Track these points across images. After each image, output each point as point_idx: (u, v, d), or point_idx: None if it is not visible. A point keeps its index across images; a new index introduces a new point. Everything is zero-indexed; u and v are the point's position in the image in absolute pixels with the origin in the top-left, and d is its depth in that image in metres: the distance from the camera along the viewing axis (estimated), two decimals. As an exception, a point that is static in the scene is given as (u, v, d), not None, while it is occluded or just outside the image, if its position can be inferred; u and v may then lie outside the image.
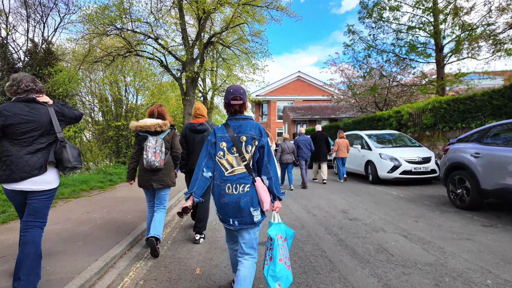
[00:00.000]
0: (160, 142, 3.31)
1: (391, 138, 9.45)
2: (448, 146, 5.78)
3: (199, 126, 3.85)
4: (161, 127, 3.35)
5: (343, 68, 21.12)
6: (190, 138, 3.88)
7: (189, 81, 17.34)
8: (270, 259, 2.09)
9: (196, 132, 3.86)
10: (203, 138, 3.85)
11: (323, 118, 27.31)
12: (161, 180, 3.38)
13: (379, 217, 4.88)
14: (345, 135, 11.23)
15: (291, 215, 5.13)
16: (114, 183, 8.64)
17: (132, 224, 4.41)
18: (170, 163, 3.53)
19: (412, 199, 6.32)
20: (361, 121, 13.95)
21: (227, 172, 2.09)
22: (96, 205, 5.70)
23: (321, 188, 8.13)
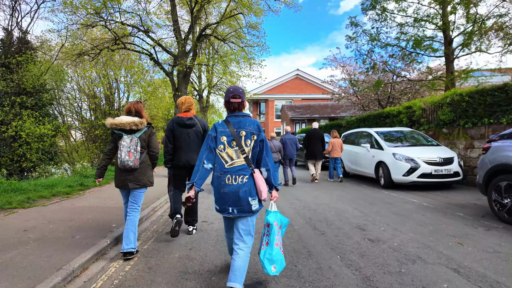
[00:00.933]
0: (136, 141, 3.16)
1: (404, 136, 8.26)
2: (489, 144, 4.59)
3: (188, 121, 3.66)
4: (137, 126, 3.18)
5: (344, 64, 19.96)
6: (177, 133, 3.67)
7: (181, 76, 16.10)
8: (267, 244, 2.26)
9: (184, 126, 3.66)
10: (191, 133, 3.67)
11: (322, 117, 26.15)
12: (137, 180, 3.22)
13: (408, 237, 3.67)
14: (350, 133, 10.05)
15: (293, 233, 3.91)
16: (86, 187, 7.39)
17: (74, 250, 3.17)
18: (147, 163, 3.34)
19: (439, 209, 5.12)
20: (366, 119, 12.77)
21: (227, 164, 2.23)
22: (44, 219, 4.45)
23: (326, 193, 6.92)
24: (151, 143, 3.36)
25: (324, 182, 8.93)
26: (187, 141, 3.69)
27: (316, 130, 8.95)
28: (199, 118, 3.85)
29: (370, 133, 8.49)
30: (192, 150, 3.73)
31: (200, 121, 3.85)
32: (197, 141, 3.78)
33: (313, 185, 8.25)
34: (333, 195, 6.64)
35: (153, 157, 3.42)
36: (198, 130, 3.79)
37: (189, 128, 3.71)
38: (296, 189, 7.64)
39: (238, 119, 2.31)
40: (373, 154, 7.90)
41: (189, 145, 3.72)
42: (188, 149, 3.72)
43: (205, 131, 3.86)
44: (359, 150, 8.68)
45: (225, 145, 2.26)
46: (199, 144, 3.75)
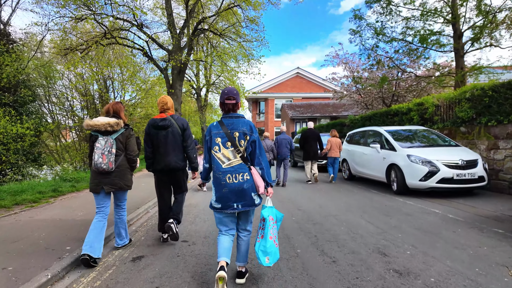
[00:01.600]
0: (111, 142, 3.06)
1: (418, 135, 7.36)
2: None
3: (161, 122, 3.47)
4: (113, 127, 3.09)
5: (347, 60, 19.05)
6: (153, 136, 3.50)
7: (176, 73, 15.20)
8: (262, 237, 2.39)
9: (158, 128, 3.48)
10: (167, 135, 3.47)
11: (323, 116, 25.25)
12: (113, 184, 3.11)
13: (445, 267, 2.77)
14: (356, 132, 9.15)
15: (295, 260, 3.02)
16: (59, 194, 6.50)
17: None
18: (124, 166, 3.23)
19: (471, 223, 4.22)
20: (372, 117, 11.86)
21: (224, 165, 2.33)
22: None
23: (332, 201, 6.03)
24: (129, 146, 3.23)
25: (326, 186, 8.05)
26: (163, 143, 3.48)
27: (311, 130, 8.57)
28: (177, 117, 3.60)
29: (379, 132, 7.59)
30: (170, 153, 3.48)
31: (178, 121, 3.58)
32: (175, 143, 3.51)
33: (316, 190, 7.36)
34: (340, 204, 5.74)
35: (131, 160, 3.28)
36: (175, 131, 3.52)
37: (163, 130, 3.47)
38: (298, 195, 6.75)
39: (232, 120, 2.38)
40: (384, 156, 7.00)
41: (166, 147, 3.48)
42: (165, 152, 3.48)
43: (184, 130, 3.57)
44: (367, 151, 7.78)
45: (220, 146, 2.34)
46: (177, 145, 3.51)
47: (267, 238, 2.34)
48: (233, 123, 2.36)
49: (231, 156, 2.33)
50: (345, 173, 9.19)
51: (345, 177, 9.14)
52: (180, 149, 3.54)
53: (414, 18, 13.72)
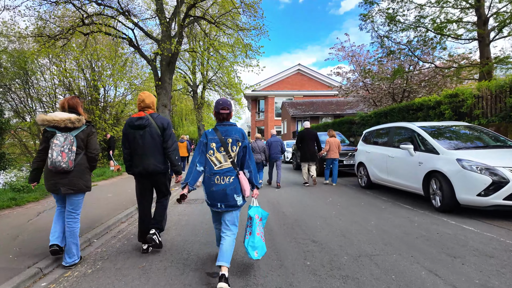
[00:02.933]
0: (71, 140, 2.83)
1: (461, 134, 5.62)
2: None
3: (137, 121, 3.18)
4: (74, 123, 2.86)
5: (353, 53, 17.30)
6: (130, 136, 3.21)
7: (165, 64, 13.45)
8: (250, 234, 2.66)
9: (135, 128, 3.19)
10: (144, 135, 3.17)
11: (327, 114, 23.51)
12: (71, 184, 2.86)
13: None
14: (374, 130, 7.41)
15: None
16: None
17: None
18: (84, 165, 2.98)
19: None
20: (388, 113, 10.11)
21: (216, 167, 2.58)
22: None
23: (355, 221, 4.27)
24: (90, 144, 3.01)
25: (337, 193, 6.31)
26: (140, 144, 3.18)
27: (308, 130, 8.06)
28: (156, 116, 3.29)
29: (411, 129, 5.83)
30: (148, 155, 3.18)
31: (157, 120, 3.25)
32: (153, 144, 3.19)
33: (326, 199, 5.62)
34: (370, 229, 3.98)
35: (92, 159, 3.05)
36: (153, 131, 3.20)
37: (141, 130, 3.17)
38: (301, 208, 5.01)
39: (226, 128, 2.65)
40: (420, 160, 5.24)
41: (143, 149, 3.18)
42: (143, 154, 3.18)
43: (164, 129, 3.24)
44: (394, 153, 6.03)
45: (214, 150, 2.60)
46: (156, 146, 3.20)
47: (254, 235, 2.63)
48: (227, 130, 2.64)
49: (222, 160, 2.59)
50: (362, 179, 7.44)
51: (362, 184, 7.39)
52: (160, 150, 3.23)
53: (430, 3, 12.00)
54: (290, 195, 6.75)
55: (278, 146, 8.05)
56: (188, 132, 37.78)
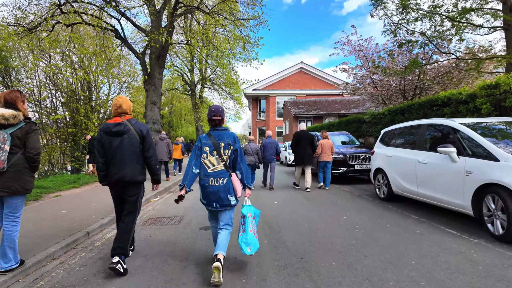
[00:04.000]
0: (4, 138, 2.59)
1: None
2: None
3: (115, 128, 2.92)
4: (8, 120, 2.62)
5: (361, 47, 15.89)
6: (106, 143, 2.94)
7: (154, 57, 12.13)
8: (243, 231, 2.78)
9: (111, 135, 2.93)
10: (122, 142, 2.92)
11: (331, 114, 22.08)
12: (5, 187, 2.61)
13: None
14: (396, 129, 6.00)
15: None
16: None
17: None
18: (22, 165, 2.71)
19: None
20: (405, 109, 8.68)
21: (209, 169, 2.74)
22: None
23: (390, 261, 2.88)
24: (29, 143, 2.72)
25: (358, 209, 4.89)
26: (118, 152, 2.91)
27: (304, 132, 7.61)
28: (135, 122, 3.02)
29: (451, 127, 4.41)
30: (126, 163, 2.91)
31: (136, 126, 3.00)
32: (132, 152, 2.95)
33: (337, 219, 4.22)
34: (413, 275, 2.56)
35: (31, 160, 2.75)
36: (132, 138, 2.95)
37: (118, 136, 2.91)
38: (308, 233, 3.61)
39: (218, 133, 2.82)
40: (469, 169, 3.82)
41: (121, 157, 2.91)
42: (121, 163, 2.90)
43: (143, 137, 3.00)
44: (427, 157, 4.62)
45: (207, 154, 2.76)
46: (135, 155, 2.97)
47: (247, 232, 2.76)
48: (219, 135, 2.81)
49: (216, 162, 2.75)
50: (381, 190, 6.03)
51: (381, 196, 5.99)
52: (139, 159, 2.98)
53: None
54: (292, 209, 5.37)
55: (273, 148, 7.85)
56: (187, 133, 36.48)
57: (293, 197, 6.63)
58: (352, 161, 8.07)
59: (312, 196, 6.66)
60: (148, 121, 11.94)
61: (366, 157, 8.11)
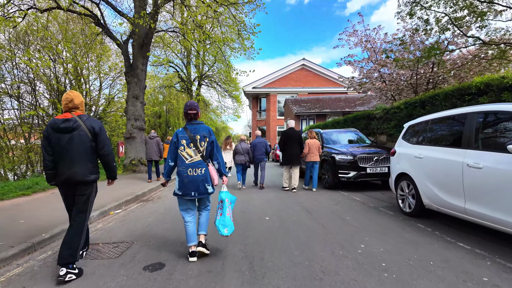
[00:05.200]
0: None
1: None
2: None
3: (63, 124, 2.67)
4: None
5: (368, 38, 14.41)
6: (53, 140, 2.68)
7: (137, 46, 10.72)
8: (221, 214, 2.98)
9: (60, 131, 2.66)
10: (72, 139, 2.67)
11: (334, 112, 20.55)
12: None
13: None
14: (432, 120, 4.49)
15: None
16: None
17: None
18: None
19: None
20: (427, 101, 7.17)
21: (187, 160, 2.88)
22: None
23: None
24: None
25: (378, 231, 3.40)
26: (67, 150, 2.66)
27: (293, 130, 7.18)
28: (87, 118, 2.77)
29: (523, 114, 2.93)
30: (76, 162, 2.69)
31: (87, 123, 2.75)
32: (83, 149, 2.71)
33: (353, 248, 2.74)
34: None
35: None
36: (83, 135, 2.71)
37: (68, 133, 2.66)
38: (313, 280, 2.17)
39: (194, 126, 2.95)
40: None
41: (71, 155, 2.68)
42: (71, 161, 2.68)
43: (95, 134, 2.76)
44: (482, 159, 3.13)
45: (184, 146, 2.89)
46: (86, 152, 2.73)
47: (225, 215, 2.95)
48: (195, 128, 2.94)
49: (193, 154, 2.89)
50: (406, 202, 4.53)
51: (406, 210, 4.48)
52: (90, 157, 2.76)
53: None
54: (287, 228, 3.90)
55: (263, 148, 7.74)
56: (185, 133, 35.04)
57: (289, 207, 5.15)
58: (363, 163, 6.58)
59: (314, 207, 5.18)
60: (129, 118, 10.53)
61: (381, 158, 6.61)
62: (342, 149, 7.03)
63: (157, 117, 32.77)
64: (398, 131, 8.37)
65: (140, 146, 10.57)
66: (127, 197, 6.20)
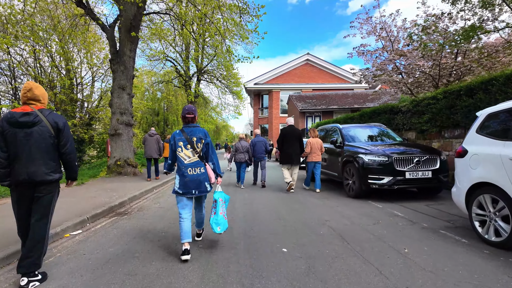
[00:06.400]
0: None
1: None
2: None
3: (22, 118, 2.38)
4: None
5: (383, 25, 12.90)
6: (10, 135, 2.38)
7: (124, 30, 9.24)
8: (214, 213, 3.10)
9: (17, 126, 2.38)
10: (31, 135, 2.39)
11: (342, 109, 19.04)
12: None
13: None
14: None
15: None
16: None
17: None
18: None
19: None
20: (476, 88, 5.65)
21: (186, 161, 2.98)
22: None
23: None
24: None
25: (443, 277, 1.96)
26: (25, 147, 2.38)
27: (292, 128, 6.64)
28: (49, 112, 2.48)
29: None
30: (36, 160, 2.41)
31: (50, 117, 2.46)
32: (44, 146, 2.43)
33: None
34: None
35: None
36: (44, 131, 2.42)
37: (27, 128, 2.38)
38: None
39: (191, 129, 3.05)
40: None
41: (30, 152, 2.40)
42: (29, 159, 2.40)
43: (58, 130, 2.48)
44: None
45: (182, 148, 2.99)
46: (47, 150, 2.45)
47: (218, 213, 3.07)
48: (191, 131, 3.03)
49: (191, 155, 2.99)
50: (490, 227, 3.03)
51: (491, 238, 2.99)
52: (51, 155, 2.48)
53: None
54: (330, 278, 2.43)
55: (263, 146, 7.60)
56: (184, 131, 33.62)
57: (312, 230, 3.66)
58: (401, 166, 5.09)
59: (346, 228, 3.70)
60: (114, 111, 9.05)
61: (423, 159, 5.11)
62: (371, 148, 5.54)
63: (155, 115, 31.32)
64: (434, 126, 6.87)
65: (127, 144, 9.10)
66: (97, 209, 4.73)
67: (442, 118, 6.52)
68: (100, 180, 8.10)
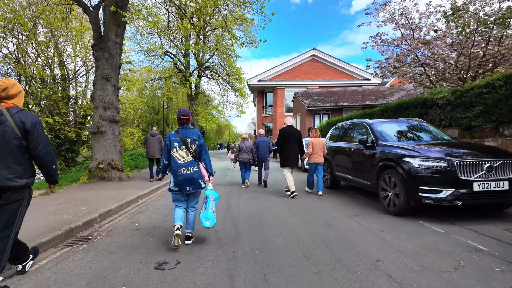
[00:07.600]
0: None
1: None
2: None
3: None
4: None
5: (404, 10, 11.48)
6: None
7: (109, 12, 7.86)
8: (205, 209, 3.26)
9: None
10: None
11: (353, 106, 17.59)
12: None
13: None
14: None
15: None
16: None
17: None
18: None
19: None
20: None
21: (180, 161, 3.16)
22: None
23: None
24: None
25: None
26: None
27: (291, 128, 6.29)
28: (17, 111, 2.27)
29: None
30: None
31: (16, 117, 2.24)
32: (6, 148, 2.22)
33: None
34: None
35: None
36: (7, 132, 2.22)
37: None
38: None
39: (185, 130, 3.25)
40: None
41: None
42: None
43: (26, 132, 2.26)
44: None
45: (176, 148, 3.18)
46: (11, 152, 2.24)
47: (208, 209, 3.23)
48: (186, 132, 3.23)
49: (185, 155, 3.18)
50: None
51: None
52: (18, 158, 2.26)
53: None
54: None
55: (266, 147, 7.53)
56: (185, 131, 32.29)
57: (361, 283, 2.28)
58: (466, 174, 3.67)
59: (411, 278, 2.31)
60: (97, 106, 7.70)
61: (496, 165, 3.69)
62: (420, 149, 4.12)
63: (155, 113, 30.03)
64: (488, 121, 5.43)
65: (112, 144, 7.74)
66: (48, 233, 3.38)
67: (501, 110, 5.09)
68: (76, 187, 6.75)
